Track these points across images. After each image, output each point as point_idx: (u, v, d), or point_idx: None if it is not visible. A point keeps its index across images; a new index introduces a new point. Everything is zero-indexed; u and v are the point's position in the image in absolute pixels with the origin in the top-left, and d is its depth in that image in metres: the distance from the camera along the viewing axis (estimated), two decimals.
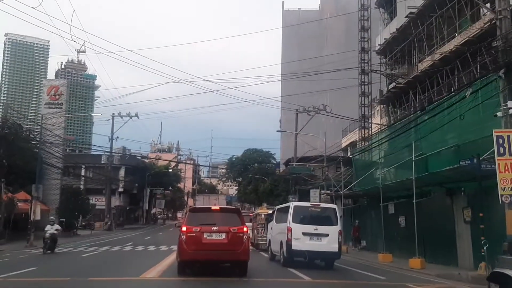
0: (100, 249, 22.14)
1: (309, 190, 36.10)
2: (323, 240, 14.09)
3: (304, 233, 14.09)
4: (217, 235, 10.89)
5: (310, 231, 14.14)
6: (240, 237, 11.00)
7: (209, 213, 11.96)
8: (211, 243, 10.80)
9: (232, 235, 10.91)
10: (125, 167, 57.46)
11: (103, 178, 49.26)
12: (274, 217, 17.32)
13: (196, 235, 10.84)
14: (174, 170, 70.55)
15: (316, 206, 15.84)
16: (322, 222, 14.48)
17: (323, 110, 37.55)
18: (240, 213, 12.31)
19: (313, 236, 14.11)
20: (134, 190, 60.79)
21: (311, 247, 13.89)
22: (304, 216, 14.75)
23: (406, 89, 28.77)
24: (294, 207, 15.00)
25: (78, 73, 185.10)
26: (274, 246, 16.34)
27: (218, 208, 12.46)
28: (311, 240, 14.07)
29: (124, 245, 25.06)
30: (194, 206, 22.71)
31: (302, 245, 13.92)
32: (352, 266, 16.23)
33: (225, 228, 10.95)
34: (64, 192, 36.03)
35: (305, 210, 15.15)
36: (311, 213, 15.02)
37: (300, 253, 14.02)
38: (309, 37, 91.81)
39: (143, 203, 62.90)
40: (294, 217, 14.47)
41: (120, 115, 47.76)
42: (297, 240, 13.97)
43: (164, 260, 15.71)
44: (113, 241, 30.06)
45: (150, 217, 68.71)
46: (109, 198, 47.97)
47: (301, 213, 14.82)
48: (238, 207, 20.17)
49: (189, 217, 11.65)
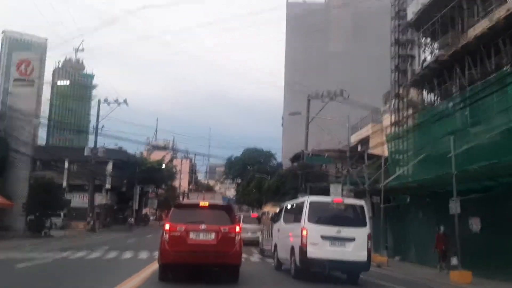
0: (53, 257, 16.61)
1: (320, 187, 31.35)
2: (348, 246, 11.41)
3: (324, 237, 11.41)
4: (205, 235, 9.86)
5: (332, 234, 11.43)
6: (232, 238, 9.96)
7: (196, 210, 10.67)
8: (198, 244, 9.79)
9: (222, 235, 9.87)
10: (113, 161, 51.77)
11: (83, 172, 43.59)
12: (282, 216, 14.44)
13: (180, 235, 9.81)
14: (168, 166, 64.65)
15: (338, 203, 12.53)
16: (347, 223, 11.83)
17: (339, 95, 32.35)
18: (232, 210, 11.12)
19: (335, 241, 11.38)
20: (123, 187, 55.05)
21: (333, 255, 11.19)
22: (324, 214, 12.00)
23: (449, 64, 23.38)
24: (311, 203, 12.06)
25: (76, 72, 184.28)
26: (282, 253, 13.56)
27: (207, 204, 10.92)
28: (333, 245, 11.37)
29: (93, 250, 19.60)
30: (180, 202, 18.10)
31: (321, 252, 11.26)
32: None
33: (214, 227, 9.91)
34: (34, 185, 30.31)
35: (325, 207, 12.21)
36: (332, 211, 12.12)
37: (318, 263, 11.34)
38: (315, 29, 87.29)
39: (133, 202, 57.02)
40: (310, 215, 11.74)
41: (107, 101, 42.36)
42: (315, 245, 11.31)
43: (129, 280, 10.28)
44: (85, 245, 24.51)
45: (141, 218, 62.78)
46: (92, 195, 42.27)
47: (319, 210, 12.03)
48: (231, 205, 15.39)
49: (173, 214, 10.46)
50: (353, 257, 11.37)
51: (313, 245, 11.30)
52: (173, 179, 69.03)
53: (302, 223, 11.72)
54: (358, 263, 11.49)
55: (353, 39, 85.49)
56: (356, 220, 11.98)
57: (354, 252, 11.38)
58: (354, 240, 11.48)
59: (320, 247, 11.29)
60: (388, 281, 12.99)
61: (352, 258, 11.38)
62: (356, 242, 11.48)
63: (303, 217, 11.81)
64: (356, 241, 11.49)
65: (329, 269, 11.61)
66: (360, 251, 11.43)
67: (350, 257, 11.37)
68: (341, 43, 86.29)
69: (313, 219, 11.69)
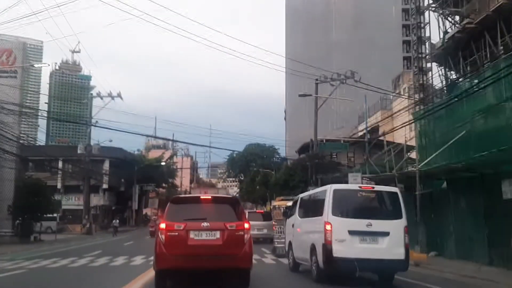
0: (30, 267, 14.05)
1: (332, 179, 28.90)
2: (381, 242, 9.69)
3: (352, 232, 9.66)
4: (208, 234, 8.39)
5: (361, 228, 9.66)
6: (240, 236, 8.44)
7: (197, 205, 9.19)
8: (200, 245, 8.32)
9: (228, 234, 8.39)
10: (109, 160, 49.24)
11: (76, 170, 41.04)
12: (296, 209, 12.55)
13: (179, 235, 8.32)
14: (168, 163, 61.93)
15: (367, 190, 10.69)
16: (379, 214, 10.18)
17: (350, 77, 29.74)
18: (239, 204, 9.60)
19: (365, 236, 9.65)
20: (121, 187, 52.45)
21: (364, 254, 9.48)
22: (351, 205, 10.29)
23: (477, 33, 20.73)
24: (335, 191, 10.15)
25: (73, 74, 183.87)
26: (299, 252, 11.76)
27: (209, 197, 9.44)
28: (363, 242, 9.64)
29: (82, 256, 17.13)
30: (177, 196, 16.02)
31: (349, 250, 9.52)
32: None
33: (219, 225, 8.44)
34: (20, 186, 27.65)
35: (352, 197, 10.42)
36: (360, 200, 10.39)
37: (346, 263, 9.50)
38: (315, 20, 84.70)
39: (132, 202, 54.39)
40: (334, 207, 9.92)
41: (99, 95, 39.86)
42: (342, 242, 9.59)
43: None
44: (76, 250, 22.05)
45: (141, 218, 60.18)
46: (87, 196, 39.70)
47: (344, 201, 10.20)
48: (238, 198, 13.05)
49: (170, 210, 8.85)
50: (388, 255, 9.58)
51: (339, 242, 9.54)
52: (174, 177, 66.33)
53: (325, 216, 9.91)
54: (394, 262, 9.66)
55: (354, 28, 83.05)
56: (390, 211, 10.23)
57: (389, 249, 9.61)
58: (388, 235, 9.69)
59: (348, 244, 9.54)
60: (433, 283, 10.45)
61: (387, 256, 9.58)
62: (391, 237, 9.69)
63: (325, 210, 9.96)
64: (390, 235, 9.69)
65: (359, 270, 9.56)
66: (396, 248, 9.64)
67: (385, 255, 9.58)
68: (343, 33, 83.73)
69: (338, 211, 9.89)
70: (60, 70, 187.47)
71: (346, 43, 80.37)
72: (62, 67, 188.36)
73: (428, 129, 17.96)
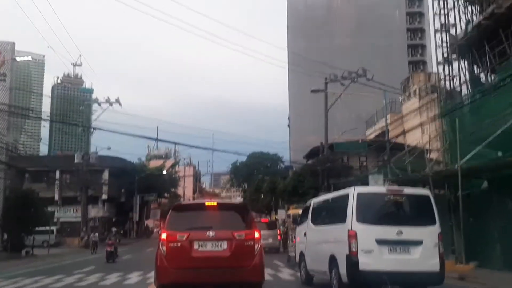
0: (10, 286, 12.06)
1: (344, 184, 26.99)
2: (414, 252, 8.53)
3: (380, 241, 8.45)
4: (215, 245, 7.71)
5: (390, 237, 8.49)
6: (250, 246, 7.79)
7: (201, 212, 8.33)
8: (205, 257, 7.64)
9: (237, 244, 7.73)
10: (109, 169, 47.23)
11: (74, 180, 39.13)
12: (309, 216, 11.29)
13: (182, 246, 7.66)
14: (169, 172, 59.83)
15: (397, 193, 9.25)
16: (410, 221, 8.93)
17: (362, 75, 27.99)
18: (248, 211, 8.72)
19: (395, 246, 8.47)
20: (121, 198, 50.43)
21: (394, 266, 8.28)
22: (378, 211, 9.13)
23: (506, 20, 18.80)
24: (359, 195, 8.88)
25: (75, 87, 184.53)
26: (314, 263, 10.64)
27: (215, 203, 8.33)
28: (393, 252, 8.45)
29: (72, 273, 15.16)
30: (180, 203, 15.65)
31: (378, 262, 8.30)
32: None
33: (226, 234, 7.77)
34: (10, 197, 25.69)
35: (378, 201, 9.20)
36: (388, 205, 9.15)
37: (374, 277, 8.28)
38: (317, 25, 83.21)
39: (133, 213, 52.27)
40: (359, 213, 8.66)
41: (97, 101, 38.16)
42: (369, 254, 8.36)
43: None
44: (67, 265, 20.11)
45: (142, 230, 57.98)
46: (85, 207, 37.78)
47: (370, 206, 9.05)
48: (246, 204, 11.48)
49: (171, 219, 8.06)
50: (421, 267, 8.50)
51: (366, 253, 8.41)
52: (176, 186, 64.27)
53: (348, 223, 8.70)
54: (428, 274, 8.56)
55: (357, 32, 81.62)
56: (422, 217, 9.02)
57: (422, 260, 8.52)
58: (421, 244, 8.59)
59: (377, 255, 8.42)
60: None
61: (420, 268, 8.50)
62: (424, 246, 8.59)
63: (349, 216, 8.75)
64: (424, 244, 8.59)
65: (389, 284, 8.37)
66: (430, 258, 8.56)
67: (417, 267, 8.50)
68: (346, 37, 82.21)
69: (363, 217, 8.68)
70: (62, 84, 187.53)
71: (349, 48, 78.72)
72: (64, 81, 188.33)
73: (459, 125, 15.93)
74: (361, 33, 79.89)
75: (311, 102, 73.01)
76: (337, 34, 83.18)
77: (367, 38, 77.35)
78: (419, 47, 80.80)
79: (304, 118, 71.26)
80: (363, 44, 77.88)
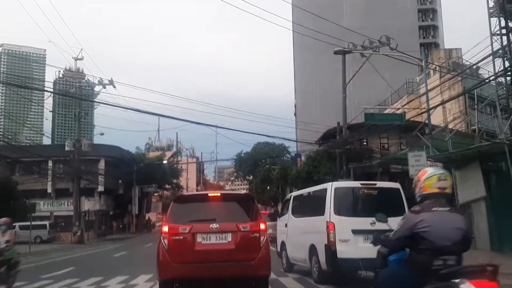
0: None
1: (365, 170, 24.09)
2: None
3: (355, 231, 9.20)
4: (218, 237, 7.56)
5: (365, 227, 8.94)
6: (255, 238, 7.64)
7: (204, 203, 8.20)
8: (209, 250, 7.46)
9: (242, 236, 7.58)
10: (105, 159, 44.07)
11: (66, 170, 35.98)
12: (290, 208, 12.17)
13: (184, 239, 7.49)
14: (170, 162, 56.52)
15: (370, 187, 10.08)
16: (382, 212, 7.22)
17: (386, 44, 24.76)
18: (253, 201, 8.56)
19: (369, 235, 8.40)
20: (119, 189, 47.23)
21: (368, 253, 7.26)
22: (352, 203, 9.97)
23: None
24: (336, 189, 9.70)
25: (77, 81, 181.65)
26: (294, 252, 11.52)
27: (219, 194, 8.64)
28: (367, 241, 8.64)
29: (40, 278, 12.14)
30: (182, 194, 14.71)
31: (354, 250, 8.90)
32: None
33: (230, 226, 7.61)
34: None
35: (353, 194, 10.00)
36: (363, 198, 9.89)
37: (350, 264, 8.81)
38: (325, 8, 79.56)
39: (132, 206, 49.08)
40: (337, 206, 9.52)
41: (88, 83, 34.95)
42: (345, 243, 9.19)
43: None
44: (46, 265, 16.99)
45: (142, 224, 54.80)
46: (77, 200, 34.53)
47: (346, 199, 9.89)
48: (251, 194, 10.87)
49: (173, 211, 7.87)
50: None
51: (343, 242, 9.25)
52: (178, 177, 61.09)
53: (327, 215, 9.57)
54: None
55: (367, 14, 78.06)
56: (393, 208, 8.98)
57: None
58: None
59: (352, 244, 9.18)
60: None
61: None
62: None
63: (327, 208, 9.64)
64: None
65: (364, 270, 8.86)
66: None
67: None
68: (355, 19, 78.55)
69: (340, 210, 9.57)
70: (64, 78, 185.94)
71: (358, 30, 75.09)
72: (65, 75, 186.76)
73: None
74: (370, 14, 76.41)
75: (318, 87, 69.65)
76: (345, 15, 79.77)
77: (376, 19, 73.77)
78: (431, 28, 77.08)
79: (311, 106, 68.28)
80: (372, 26, 74.08)
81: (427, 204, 3.73)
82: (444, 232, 3.57)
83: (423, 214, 3.64)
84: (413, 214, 3.73)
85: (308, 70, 70.82)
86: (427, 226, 3.57)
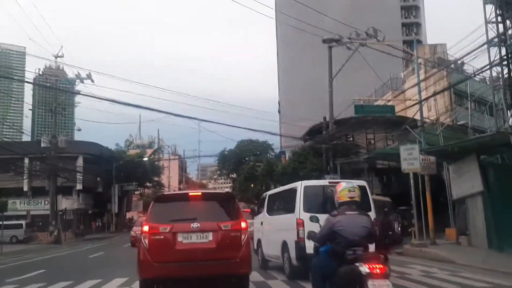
0: None
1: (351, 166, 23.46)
2: None
3: None
4: (199, 237, 7.56)
5: None
6: (236, 237, 7.68)
7: (185, 203, 8.19)
8: (190, 249, 7.46)
9: (223, 235, 7.61)
10: (83, 156, 42.64)
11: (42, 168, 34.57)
12: (265, 207, 12.67)
13: (165, 238, 7.48)
14: (151, 159, 55.17)
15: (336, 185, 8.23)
16: None
17: (373, 36, 24.22)
18: (234, 200, 8.61)
19: None
20: (98, 187, 45.82)
21: None
22: (320, 201, 10.24)
23: None
24: (305, 188, 10.36)
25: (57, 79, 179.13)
26: (269, 249, 11.96)
27: (199, 193, 8.51)
28: None
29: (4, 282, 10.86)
30: (162, 193, 13.68)
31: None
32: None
33: (211, 225, 7.63)
34: None
35: (321, 192, 10.39)
36: (330, 196, 8.94)
37: None
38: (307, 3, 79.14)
39: (112, 205, 47.66)
40: (305, 203, 10.05)
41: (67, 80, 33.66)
42: None
43: None
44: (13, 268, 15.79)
45: (123, 223, 53.34)
46: (53, 198, 33.18)
47: (315, 197, 10.30)
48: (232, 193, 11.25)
49: (153, 210, 7.92)
50: None
51: None
52: (159, 174, 59.78)
53: (296, 213, 10.09)
54: None
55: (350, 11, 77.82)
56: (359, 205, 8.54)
57: None
58: None
59: None
60: None
61: None
62: None
63: (297, 206, 10.14)
64: None
65: None
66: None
67: None
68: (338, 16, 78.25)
69: (309, 207, 9.87)
70: (44, 76, 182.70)
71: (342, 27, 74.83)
72: (45, 73, 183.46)
73: None
74: (353, 11, 76.09)
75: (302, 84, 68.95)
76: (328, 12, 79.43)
77: (359, 16, 73.44)
78: (414, 26, 77.22)
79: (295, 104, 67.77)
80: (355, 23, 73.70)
81: (341, 209, 4.93)
82: (354, 229, 4.76)
83: (339, 217, 4.84)
84: (331, 217, 4.91)
85: (292, 66, 70.21)
86: (342, 226, 4.76)
